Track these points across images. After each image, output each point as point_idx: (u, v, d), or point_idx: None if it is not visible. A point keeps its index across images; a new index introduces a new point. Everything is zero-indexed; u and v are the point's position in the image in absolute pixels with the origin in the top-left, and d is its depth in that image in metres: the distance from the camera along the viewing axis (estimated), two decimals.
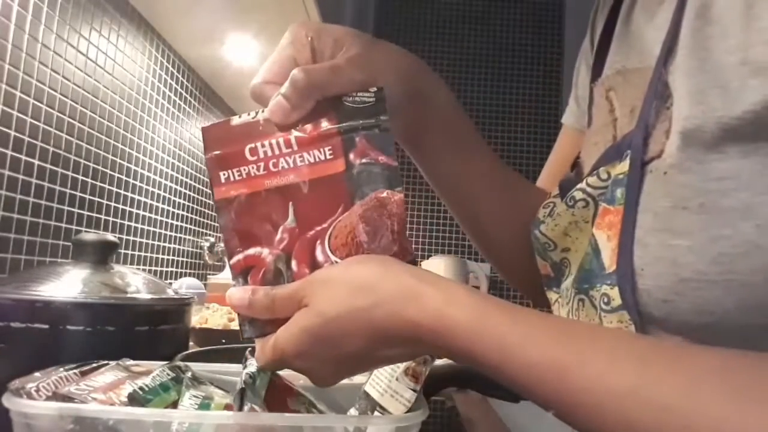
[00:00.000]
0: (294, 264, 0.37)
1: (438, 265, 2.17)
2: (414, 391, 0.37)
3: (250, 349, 0.40)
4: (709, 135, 0.32)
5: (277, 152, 0.37)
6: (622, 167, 0.39)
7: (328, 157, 0.37)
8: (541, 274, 0.51)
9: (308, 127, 0.37)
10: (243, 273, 0.37)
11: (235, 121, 0.38)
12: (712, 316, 0.33)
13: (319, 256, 0.36)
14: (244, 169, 0.37)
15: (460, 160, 0.53)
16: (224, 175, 0.37)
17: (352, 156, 0.37)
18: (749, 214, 0.31)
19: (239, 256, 0.37)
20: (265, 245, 0.37)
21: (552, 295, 0.50)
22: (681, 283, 0.33)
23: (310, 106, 0.38)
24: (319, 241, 0.37)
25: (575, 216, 0.44)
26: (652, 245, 0.35)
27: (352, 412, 0.39)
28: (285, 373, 0.39)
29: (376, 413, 0.37)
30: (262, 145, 0.37)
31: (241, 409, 0.33)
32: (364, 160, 0.37)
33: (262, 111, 0.38)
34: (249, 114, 0.39)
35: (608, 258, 0.38)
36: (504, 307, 0.32)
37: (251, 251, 0.37)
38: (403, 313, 0.32)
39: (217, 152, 0.38)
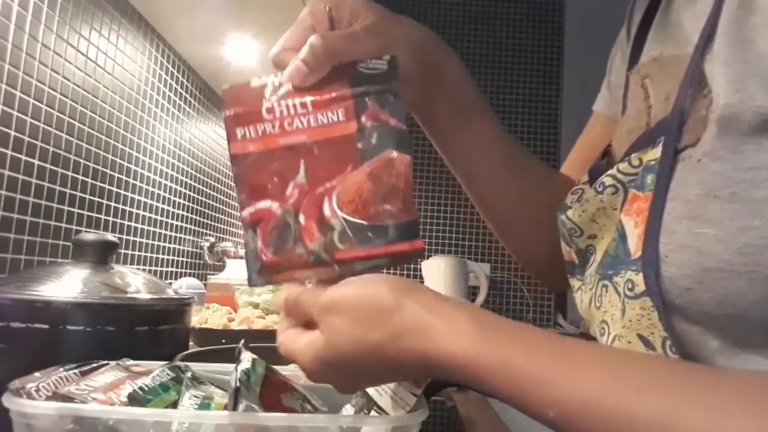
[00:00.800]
0: (302, 218, 0.38)
1: (438, 265, 2.17)
2: (415, 395, 0.37)
3: (242, 342, 0.41)
4: (746, 124, 0.32)
5: (292, 112, 0.39)
6: (654, 153, 0.39)
7: (341, 119, 0.39)
8: (565, 261, 0.51)
9: (323, 90, 0.39)
10: (253, 224, 0.39)
11: (255, 82, 0.40)
12: (734, 307, 0.32)
13: (326, 211, 0.38)
14: (260, 127, 0.39)
15: (471, 135, 0.54)
16: (241, 131, 0.39)
17: (363, 118, 0.39)
18: None
19: (251, 209, 0.39)
20: (275, 199, 0.39)
21: (575, 282, 0.50)
22: (705, 273, 0.33)
23: (326, 70, 0.40)
24: (326, 198, 0.38)
25: (604, 202, 0.45)
26: (679, 232, 0.35)
27: (348, 408, 0.39)
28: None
29: (372, 413, 0.37)
30: (279, 105, 0.39)
31: (235, 406, 0.32)
32: (374, 123, 0.38)
33: (281, 74, 0.40)
34: (268, 77, 0.41)
35: (634, 244, 0.38)
36: (515, 334, 0.32)
37: (262, 204, 0.39)
38: (416, 349, 0.32)
39: (236, 110, 0.40)
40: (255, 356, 0.39)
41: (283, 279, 0.39)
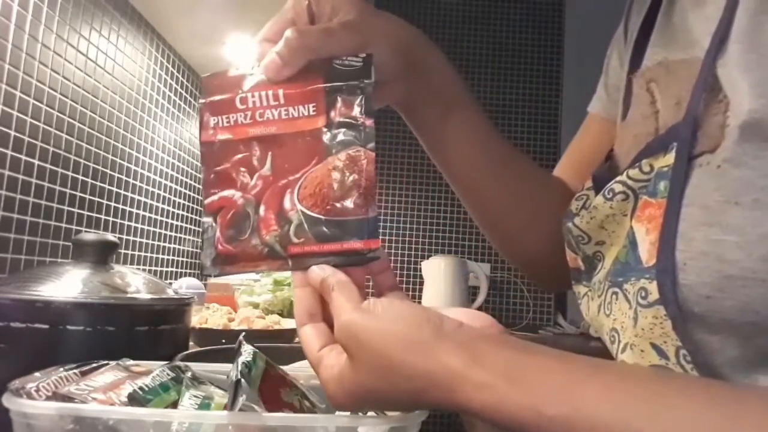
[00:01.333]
0: (262, 209, 0.38)
1: (438, 265, 2.17)
2: None
3: (242, 335, 0.40)
4: None
5: (264, 104, 0.40)
6: (667, 160, 0.38)
7: (311, 113, 0.39)
8: (570, 267, 0.50)
9: (297, 83, 0.40)
10: (213, 212, 0.40)
11: (232, 72, 0.41)
12: (757, 315, 0.32)
13: (287, 204, 0.38)
14: (233, 117, 0.40)
15: (457, 131, 0.53)
16: (214, 120, 0.40)
17: (332, 114, 0.39)
18: None
19: (214, 197, 0.40)
20: (239, 189, 0.39)
21: (581, 289, 0.49)
22: (726, 280, 0.33)
23: (300, 64, 0.40)
24: (289, 190, 0.38)
25: (613, 209, 0.44)
26: (698, 239, 0.34)
27: None
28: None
29: (371, 413, 0.37)
30: (252, 96, 0.40)
31: (235, 399, 0.32)
32: (342, 119, 0.39)
33: (258, 65, 0.41)
34: (246, 67, 0.41)
35: (646, 252, 0.38)
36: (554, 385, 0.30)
37: (225, 193, 0.40)
38: (452, 400, 0.31)
39: (211, 99, 0.41)
40: (256, 350, 0.39)
41: (237, 270, 0.39)
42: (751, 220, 0.32)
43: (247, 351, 0.38)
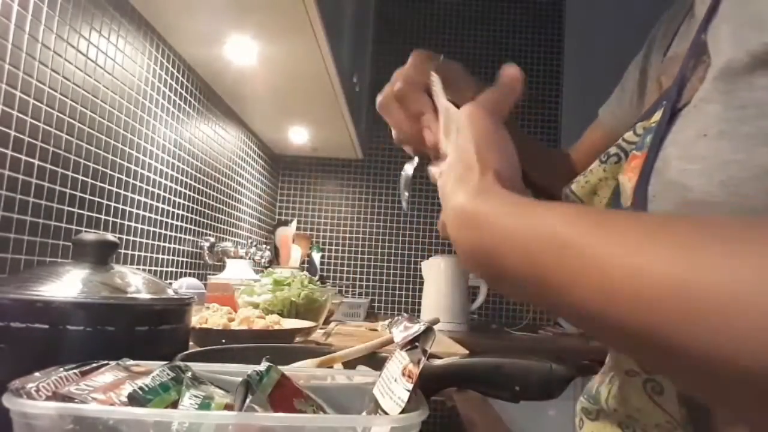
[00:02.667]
0: None
1: (438, 265, 2.17)
2: (407, 390, 0.37)
3: (268, 356, 0.40)
4: (740, 65, 0.34)
5: None
6: (656, 117, 0.41)
7: None
8: None
9: None
10: None
11: None
12: None
13: None
14: None
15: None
16: None
17: None
18: (766, 141, 0.32)
19: None
20: None
21: None
22: (687, 206, 0.35)
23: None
24: None
25: (606, 172, 0.46)
26: (668, 172, 0.37)
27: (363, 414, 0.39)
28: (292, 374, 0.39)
29: (370, 413, 0.37)
30: None
31: (243, 403, 0.32)
32: None
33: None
34: None
35: (626, 198, 0.40)
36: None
37: None
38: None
39: None
40: (272, 364, 0.39)
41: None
42: (714, 149, 0.34)
43: (264, 363, 0.38)
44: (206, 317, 0.96)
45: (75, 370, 0.38)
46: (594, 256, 0.25)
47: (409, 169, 0.54)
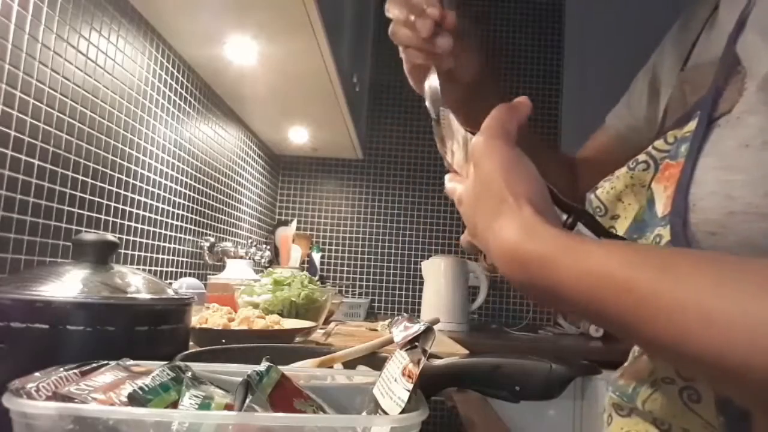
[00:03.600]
0: None
1: (438, 265, 2.17)
2: (407, 390, 0.37)
3: (268, 356, 0.40)
4: None
5: None
6: (690, 126, 0.41)
7: None
8: None
9: None
10: None
11: None
12: (754, 249, 0.34)
13: None
14: None
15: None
16: None
17: None
18: None
19: None
20: None
21: None
22: (730, 216, 0.35)
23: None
24: None
25: (633, 179, 0.46)
26: (709, 182, 0.37)
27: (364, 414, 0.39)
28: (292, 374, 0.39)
29: (370, 414, 0.37)
30: None
31: (242, 403, 0.32)
32: None
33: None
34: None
35: (662, 205, 0.40)
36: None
37: None
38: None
39: None
40: (272, 365, 0.39)
41: None
42: (758, 160, 0.35)
43: (264, 364, 0.38)
44: (206, 317, 0.96)
45: (75, 370, 0.38)
46: (667, 304, 0.27)
47: (434, 80, 0.53)
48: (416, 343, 0.37)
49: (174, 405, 0.36)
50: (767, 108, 0.35)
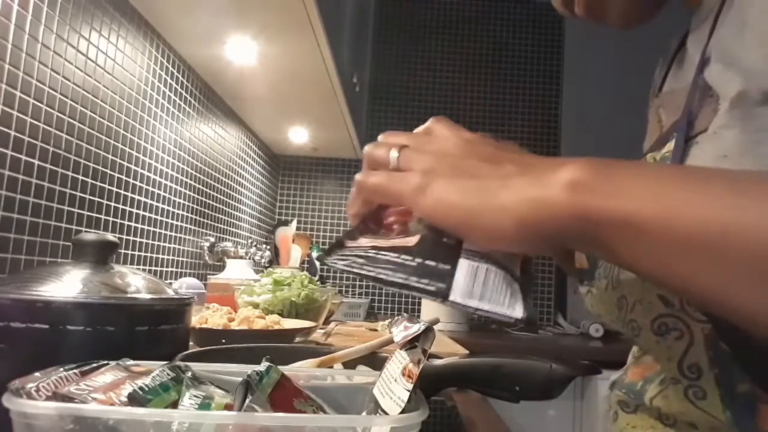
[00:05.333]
0: None
1: None
2: (407, 390, 0.37)
3: (268, 356, 0.40)
4: (753, 100, 0.38)
5: None
6: (669, 147, 0.44)
7: None
8: (576, 269, 0.54)
9: None
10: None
11: None
12: None
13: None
14: None
15: None
16: None
17: None
18: None
19: None
20: None
21: (584, 289, 0.53)
22: None
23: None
24: None
25: None
26: None
27: (364, 415, 0.39)
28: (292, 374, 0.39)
29: (370, 413, 0.37)
30: None
31: (242, 403, 0.32)
32: None
33: None
34: None
35: None
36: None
37: None
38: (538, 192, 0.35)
39: None
40: (272, 365, 0.39)
41: None
42: (737, 167, 0.37)
43: (264, 364, 0.38)
44: (206, 317, 0.96)
45: (75, 370, 0.38)
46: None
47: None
48: (416, 343, 0.37)
49: (174, 405, 0.36)
50: (742, 123, 0.38)
